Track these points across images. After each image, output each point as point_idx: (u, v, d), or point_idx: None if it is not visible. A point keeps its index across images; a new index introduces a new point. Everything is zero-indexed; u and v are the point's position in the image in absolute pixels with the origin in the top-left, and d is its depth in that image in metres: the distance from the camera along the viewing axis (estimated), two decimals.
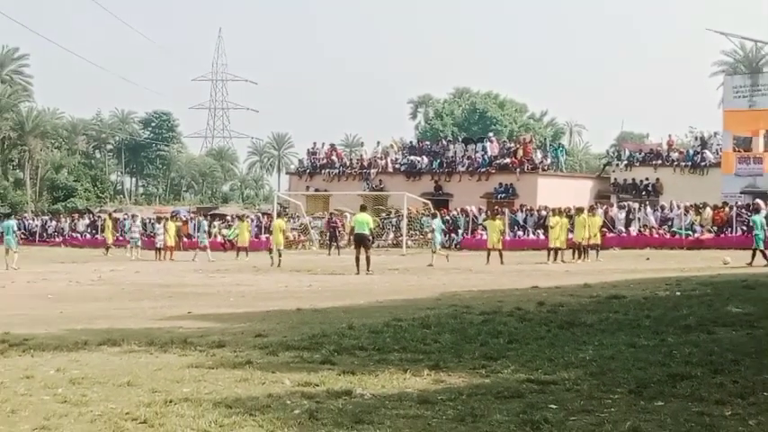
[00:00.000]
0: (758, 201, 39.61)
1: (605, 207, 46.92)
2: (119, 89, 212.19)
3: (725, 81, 53.93)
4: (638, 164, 56.88)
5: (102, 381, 10.15)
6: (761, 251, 30.77)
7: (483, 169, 57.57)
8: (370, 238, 32.55)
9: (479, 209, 50.65)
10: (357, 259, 30.49)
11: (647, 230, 44.03)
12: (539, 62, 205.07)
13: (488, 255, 34.79)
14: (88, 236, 61.15)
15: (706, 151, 54.08)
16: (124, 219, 58.89)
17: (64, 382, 10.07)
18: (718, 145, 53.02)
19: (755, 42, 60.98)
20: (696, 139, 57.95)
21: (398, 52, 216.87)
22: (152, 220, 56.14)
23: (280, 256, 36.31)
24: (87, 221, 63.93)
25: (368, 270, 29.91)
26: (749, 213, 42.00)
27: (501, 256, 34.34)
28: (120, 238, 52.16)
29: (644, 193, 54.08)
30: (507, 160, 57.34)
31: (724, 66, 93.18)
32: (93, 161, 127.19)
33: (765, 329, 13.63)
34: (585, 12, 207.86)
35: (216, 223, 55.89)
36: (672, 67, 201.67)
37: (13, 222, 41.45)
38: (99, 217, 64.88)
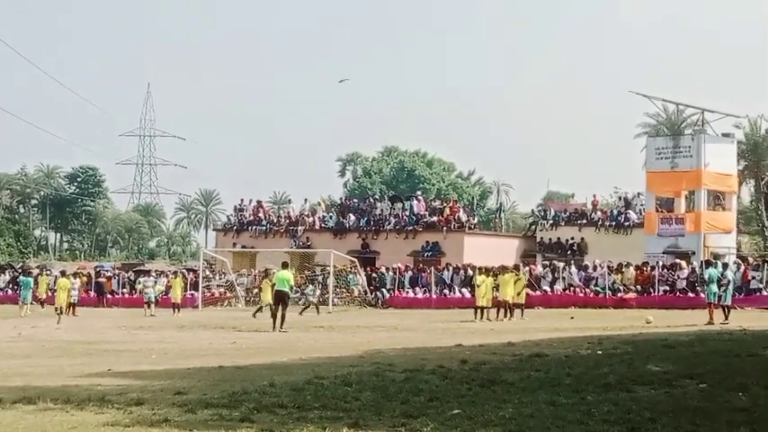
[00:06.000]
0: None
1: (530, 266, 47.29)
2: (45, 144, 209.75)
3: (647, 143, 54.53)
4: (563, 223, 57.41)
5: None
6: (715, 306, 29.93)
7: (410, 227, 57.69)
8: (290, 295, 32.61)
9: (406, 266, 50.74)
10: (274, 316, 30.61)
11: (572, 289, 44.42)
12: (467, 121, 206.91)
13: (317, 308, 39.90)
14: (9, 292, 59.92)
15: (630, 211, 54.85)
16: (47, 275, 57.89)
17: None
18: (641, 205, 53.81)
19: (677, 105, 61.98)
20: (620, 199, 58.65)
21: (327, 110, 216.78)
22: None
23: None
24: (8, 277, 62.60)
25: (281, 328, 29.90)
26: (663, 271, 42.61)
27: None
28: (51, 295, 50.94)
29: (569, 252, 54.58)
30: (434, 218, 57.58)
31: (647, 128, 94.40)
32: (16, 216, 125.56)
33: (683, 388, 13.78)
34: (513, 72, 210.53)
35: (141, 279, 55.23)
36: (597, 129, 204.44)
37: None
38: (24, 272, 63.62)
